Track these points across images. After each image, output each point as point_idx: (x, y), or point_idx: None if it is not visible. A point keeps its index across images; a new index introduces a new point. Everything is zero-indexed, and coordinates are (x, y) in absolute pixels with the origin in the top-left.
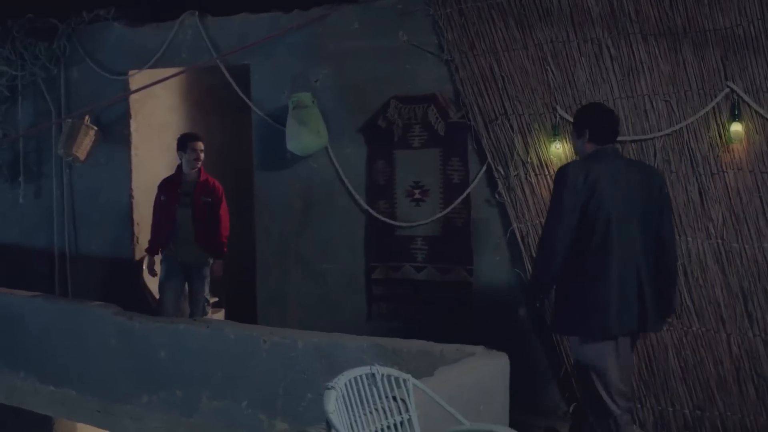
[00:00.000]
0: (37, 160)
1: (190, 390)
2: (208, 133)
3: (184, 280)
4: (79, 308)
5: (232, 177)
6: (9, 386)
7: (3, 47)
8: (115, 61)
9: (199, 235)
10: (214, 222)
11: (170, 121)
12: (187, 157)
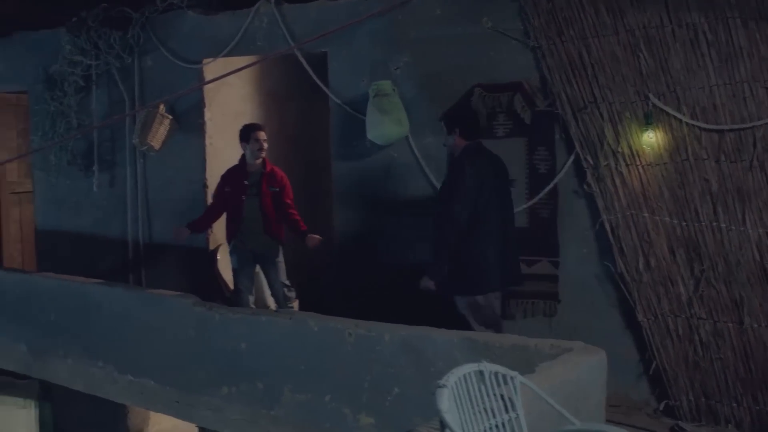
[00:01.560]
0: (111, 149)
1: (271, 382)
2: (281, 123)
3: (256, 270)
4: (158, 298)
5: (306, 167)
6: (87, 375)
7: (78, 37)
8: (189, 49)
9: (268, 225)
10: (281, 210)
11: (244, 110)
12: (250, 148)
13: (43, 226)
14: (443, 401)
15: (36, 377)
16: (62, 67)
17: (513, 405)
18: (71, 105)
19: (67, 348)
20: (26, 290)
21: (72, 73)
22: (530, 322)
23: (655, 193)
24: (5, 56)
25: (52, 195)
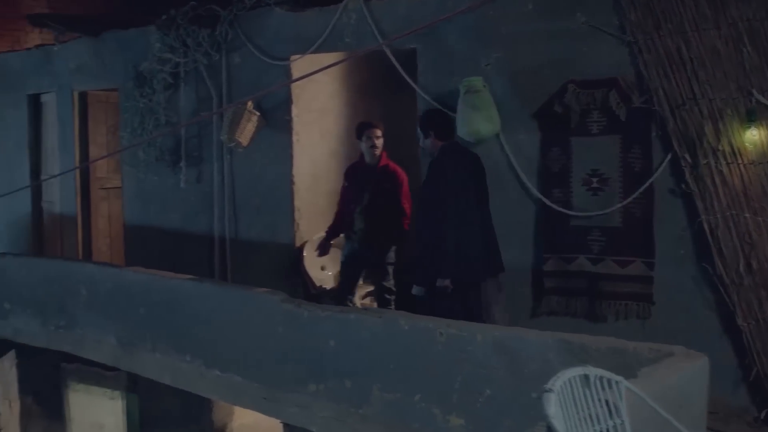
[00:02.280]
0: (198, 145)
1: (360, 380)
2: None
3: (363, 267)
4: (246, 294)
5: None
6: (175, 369)
7: (167, 35)
8: (277, 46)
9: (379, 223)
10: (393, 209)
11: (331, 106)
12: (364, 146)
13: (131, 221)
14: (551, 406)
15: (124, 370)
16: (151, 64)
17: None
18: (160, 102)
19: (156, 342)
20: (116, 284)
21: (161, 71)
22: (622, 324)
23: (758, 192)
24: (96, 55)
25: (140, 191)
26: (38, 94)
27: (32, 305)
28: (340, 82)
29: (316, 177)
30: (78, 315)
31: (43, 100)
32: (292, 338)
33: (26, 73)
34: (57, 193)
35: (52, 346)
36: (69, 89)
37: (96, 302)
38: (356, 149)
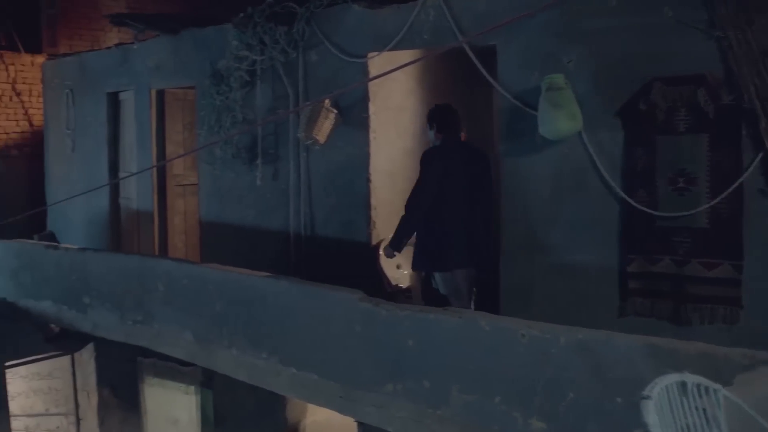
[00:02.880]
0: (275, 143)
1: (438, 381)
2: None
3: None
4: (323, 292)
5: None
6: (251, 366)
7: (244, 33)
8: (354, 43)
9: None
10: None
11: (407, 104)
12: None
13: (207, 217)
14: (650, 414)
15: (200, 365)
16: (229, 62)
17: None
18: (237, 99)
19: (232, 338)
20: (193, 280)
21: (238, 69)
22: (708, 328)
23: None
24: (174, 53)
25: (216, 187)
26: (117, 92)
27: (111, 300)
28: (416, 80)
29: (393, 175)
30: (155, 310)
31: (121, 97)
32: (369, 337)
33: (105, 72)
34: (134, 189)
35: (129, 340)
36: (147, 87)
37: (173, 298)
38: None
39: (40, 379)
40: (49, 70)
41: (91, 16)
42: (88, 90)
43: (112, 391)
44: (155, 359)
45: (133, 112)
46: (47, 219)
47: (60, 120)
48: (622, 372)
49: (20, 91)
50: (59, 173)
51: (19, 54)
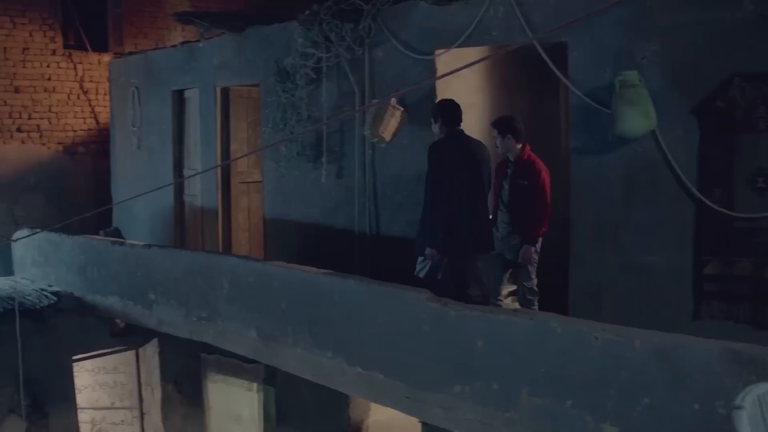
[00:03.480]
0: (340, 140)
1: (508, 383)
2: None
3: (505, 265)
4: (391, 292)
5: None
6: (316, 364)
7: (310, 30)
8: (421, 40)
9: (514, 219)
10: (529, 206)
11: (474, 101)
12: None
13: (271, 215)
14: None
15: (265, 363)
16: (294, 60)
17: None
18: (302, 97)
19: (297, 336)
20: (258, 278)
21: (303, 66)
22: None
23: None
24: (239, 51)
25: (280, 185)
26: (182, 89)
27: (176, 296)
28: (483, 77)
29: None
30: (220, 307)
31: (186, 95)
32: (437, 338)
33: (171, 70)
34: (199, 187)
35: (194, 336)
36: (212, 85)
37: (237, 295)
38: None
39: (105, 373)
40: (115, 68)
41: (156, 15)
42: (153, 88)
43: (175, 386)
44: (218, 355)
45: (198, 109)
46: (112, 215)
47: (126, 117)
48: (700, 378)
49: (87, 89)
50: (125, 170)
51: (86, 53)
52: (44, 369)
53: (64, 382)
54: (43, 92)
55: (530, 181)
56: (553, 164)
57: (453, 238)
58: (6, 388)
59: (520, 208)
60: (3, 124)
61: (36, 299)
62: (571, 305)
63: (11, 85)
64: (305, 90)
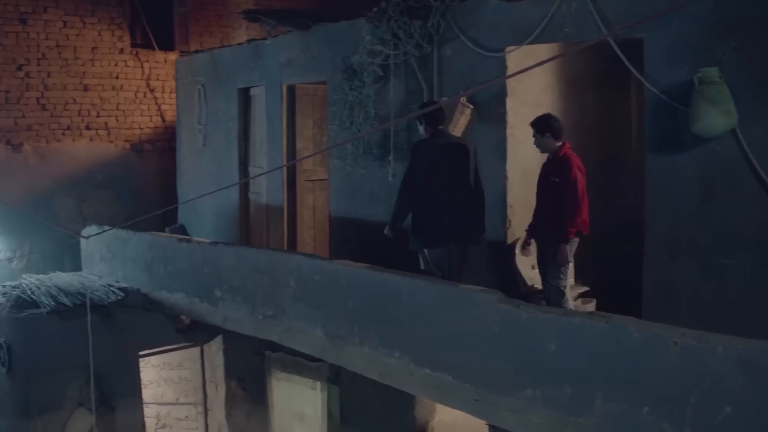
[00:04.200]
0: (407, 138)
1: (581, 388)
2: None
3: (545, 264)
4: (461, 292)
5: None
6: (383, 364)
7: (378, 27)
8: (491, 37)
9: (545, 216)
10: (559, 203)
11: (544, 99)
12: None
13: (337, 213)
14: None
15: (330, 362)
16: (362, 57)
17: None
18: (370, 95)
19: (364, 336)
20: (325, 276)
21: (371, 63)
22: None
23: None
24: (305, 49)
25: (346, 183)
26: (248, 87)
27: (241, 293)
28: (553, 74)
29: (528, 172)
30: (285, 305)
31: (252, 93)
32: (508, 340)
33: (237, 67)
34: (264, 184)
35: (259, 334)
36: (278, 83)
37: (303, 293)
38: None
39: (170, 369)
40: (182, 66)
41: (221, 14)
42: (219, 85)
43: (239, 383)
44: (282, 353)
45: (264, 107)
46: (178, 212)
47: (192, 115)
48: None
49: (153, 87)
50: (190, 167)
51: (152, 51)
52: (111, 364)
53: (130, 377)
54: (111, 90)
55: (561, 179)
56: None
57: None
58: (74, 382)
59: (551, 206)
60: (72, 122)
61: (104, 295)
62: (644, 308)
63: (81, 83)
64: (372, 87)
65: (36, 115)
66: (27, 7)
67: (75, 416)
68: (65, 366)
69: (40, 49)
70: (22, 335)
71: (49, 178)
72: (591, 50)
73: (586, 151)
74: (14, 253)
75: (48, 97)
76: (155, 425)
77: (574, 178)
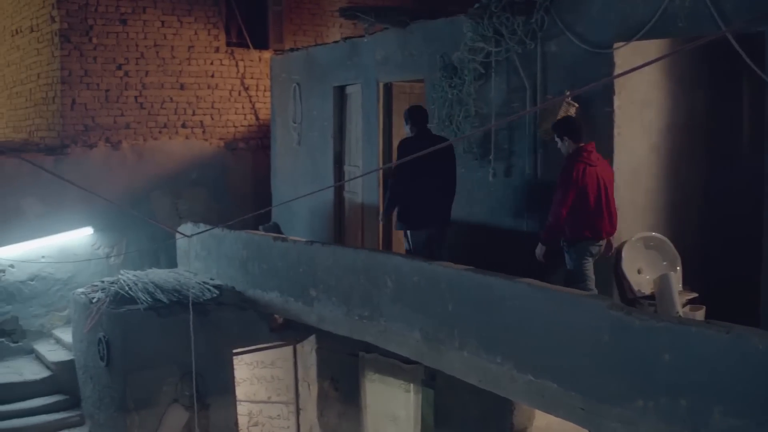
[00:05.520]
0: (509, 137)
1: (698, 401)
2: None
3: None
4: (568, 297)
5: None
6: (483, 369)
7: (480, 24)
8: (598, 32)
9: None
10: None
11: (652, 98)
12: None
13: None
14: None
15: (428, 365)
16: (462, 54)
17: None
18: (470, 93)
19: (464, 340)
20: (424, 278)
21: (472, 61)
22: None
23: None
24: (403, 46)
25: None
26: (344, 85)
27: (337, 294)
28: (662, 72)
29: (636, 173)
30: (383, 306)
31: (347, 91)
32: (618, 348)
33: (333, 65)
34: (360, 183)
35: (354, 335)
36: (374, 81)
37: (401, 295)
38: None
39: (263, 367)
40: (277, 64)
41: (315, 12)
42: (314, 84)
43: (332, 383)
44: (376, 354)
45: (359, 105)
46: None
47: (287, 113)
48: None
49: (248, 86)
50: (285, 166)
51: (247, 50)
52: (206, 361)
53: (224, 375)
54: (207, 89)
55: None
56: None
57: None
58: (170, 378)
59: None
60: (169, 120)
61: (199, 292)
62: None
63: (177, 82)
64: (473, 85)
65: (134, 114)
66: (127, 7)
67: (170, 412)
68: (161, 362)
69: (139, 49)
70: (121, 331)
71: (146, 175)
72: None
73: (695, 152)
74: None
75: (146, 95)
76: (247, 423)
77: (559, 181)
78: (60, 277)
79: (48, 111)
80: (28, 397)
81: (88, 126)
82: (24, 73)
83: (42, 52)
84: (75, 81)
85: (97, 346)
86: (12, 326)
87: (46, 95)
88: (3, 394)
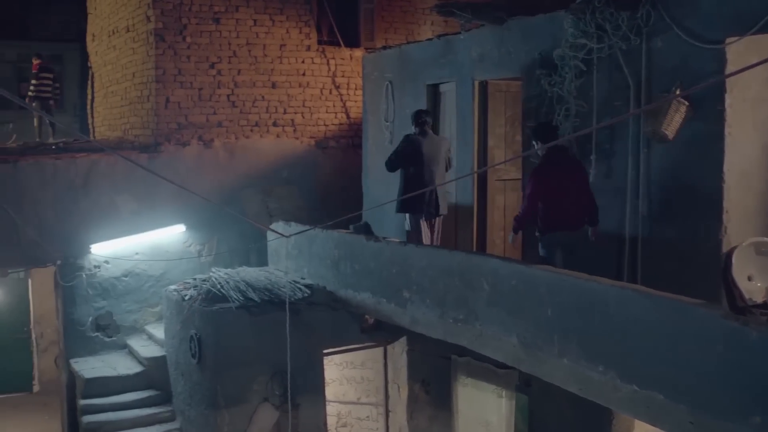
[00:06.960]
0: (610, 137)
1: None
2: None
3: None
4: (677, 305)
5: None
6: (584, 378)
7: (581, 20)
8: (708, 27)
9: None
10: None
11: (765, 95)
12: None
13: None
14: None
15: (526, 372)
16: (563, 51)
17: None
18: (571, 90)
19: (563, 346)
20: (522, 281)
21: (573, 57)
22: None
23: None
24: (499, 43)
25: None
26: (437, 83)
27: (431, 296)
28: None
29: (746, 174)
30: (478, 309)
31: (441, 89)
32: (733, 360)
33: (426, 63)
34: (454, 184)
35: (448, 338)
36: (470, 79)
37: (498, 298)
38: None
39: (353, 368)
40: (369, 63)
41: (406, 9)
42: (407, 82)
43: (422, 386)
44: (469, 358)
45: (454, 103)
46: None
47: (379, 112)
48: None
49: (339, 84)
50: (377, 164)
51: (338, 48)
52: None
53: (314, 375)
54: (298, 87)
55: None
56: None
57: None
58: (261, 377)
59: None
60: (260, 119)
61: (291, 292)
62: None
63: (269, 80)
64: (574, 83)
65: (226, 112)
66: (221, 6)
67: (260, 410)
68: (252, 361)
69: (231, 48)
70: (213, 329)
71: (237, 173)
72: None
73: None
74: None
75: (238, 94)
76: (336, 423)
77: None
78: (153, 273)
79: (142, 110)
80: (122, 392)
81: (182, 124)
82: (119, 72)
83: (137, 52)
84: (169, 80)
85: (189, 344)
86: (106, 321)
87: (141, 94)
88: (98, 388)
